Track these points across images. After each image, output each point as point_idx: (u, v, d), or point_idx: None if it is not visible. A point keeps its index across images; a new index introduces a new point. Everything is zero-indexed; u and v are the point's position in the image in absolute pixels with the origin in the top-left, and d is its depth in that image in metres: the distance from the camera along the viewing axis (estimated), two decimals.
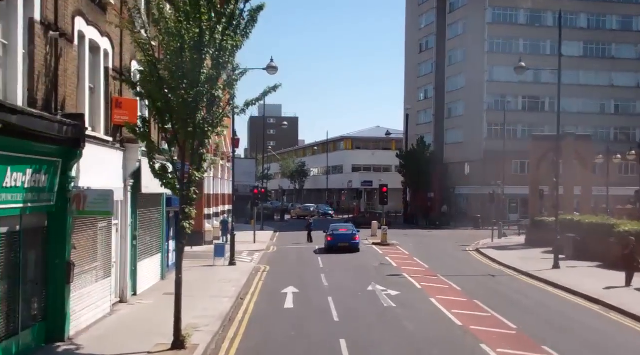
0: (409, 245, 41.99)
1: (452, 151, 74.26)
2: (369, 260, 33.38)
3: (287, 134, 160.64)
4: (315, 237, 46.15)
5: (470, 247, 42.00)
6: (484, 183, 67.57)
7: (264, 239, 45.92)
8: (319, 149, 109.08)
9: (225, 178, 51.30)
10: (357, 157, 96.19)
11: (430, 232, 56.08)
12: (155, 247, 23.66)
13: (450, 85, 75.65)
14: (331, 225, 39.45)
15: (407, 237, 49.24)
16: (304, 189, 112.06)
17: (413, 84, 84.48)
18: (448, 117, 75.98)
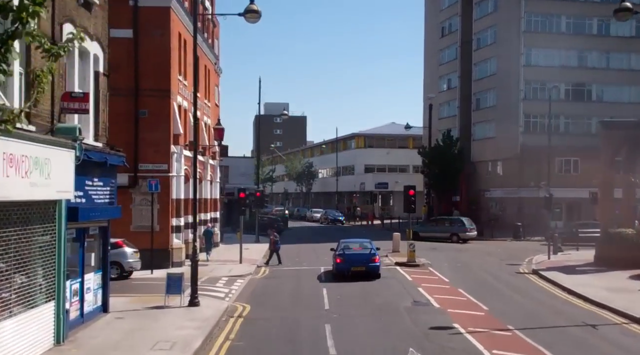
0: (443, 266, 32.11)
1: (481, 148, 64.17)
2: (397, 294, 23.46)
3: (295, 134, 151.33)
4: (320, 252, 36.39)
5: (524, 268, 32.17)
6: (520, 184, 57.59)
7: (255, 257, 36.14)
8: (327, 148, 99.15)
9: (213, 180, 41.54)
10: (370, 156, 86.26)
11: (462, 244, 46.06)
12: (42, 291, 13.87)
13: (479, 73, 65.58)
14: (341, 241, 29.54)
15: (436, 251, 39.30)
16: (312, 192, 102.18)
17: (434, 74, 74.51)
18: (476, 109, 65.92)
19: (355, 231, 60.41)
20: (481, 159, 64.35)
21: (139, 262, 27.06)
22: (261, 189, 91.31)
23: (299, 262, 34.13)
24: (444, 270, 30.23)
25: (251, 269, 30.65)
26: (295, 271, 30.53)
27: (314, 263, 33.77)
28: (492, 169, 63.23)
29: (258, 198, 45.65)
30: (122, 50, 29.68)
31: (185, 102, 33.13)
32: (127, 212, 29.19)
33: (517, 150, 58.74)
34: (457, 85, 69.56)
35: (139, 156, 29.63)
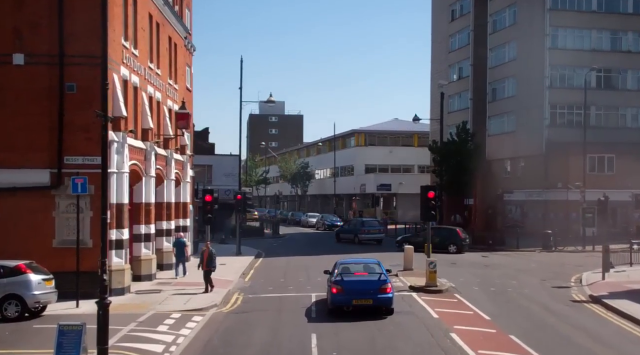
0: (473, 290, 24.44)
1: (498, 144, 56.45)
2: (422, 349, 15.65)
3: (291, 134, 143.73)
4: (313, 269, 28.67)
5: (577, 292, 24.86)
6: (546, 186, 49.87)
7: (230, 276, 28.39)
8: (324, 147, 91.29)
9: (182, 179, 33.82)
10: (371, 155, 78.48)
11: (486, 256, 38.27)
12: None
13: (495, 59, 57.89)
14: (339, 262, 21.50)
15: (458, 268, 31.56)
16: (307, 195, 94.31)
17: (443, 62, 66.81)
18: (492, 100, 58.20)
19: None
20: (498, 156, 56.60)
21: (53, 294, 19.31)
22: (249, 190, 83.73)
23: (284, 286, 26.33)
24: (477, 299, 22.48)
25: (218, 297, 22.84)
26: (277, 301, 22.72)
27: (303, 286, 26.00)
28: (512, 168, 55.52)
29: (240, 201, 38.03)
30: (40, 1, 22.10)
31: (135, 77, 25.38)
32: (47, 222, 21.52)
33: (541, 146, 51.06)
34: (469, 74, 61.84)
35: (65, 146, 21.95)
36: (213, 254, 24.04)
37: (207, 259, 23.91)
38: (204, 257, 23.99)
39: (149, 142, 26.47)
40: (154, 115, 28.48)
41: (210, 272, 23.90)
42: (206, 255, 23.96)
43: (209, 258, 23.89)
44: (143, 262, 26.08)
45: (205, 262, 23.90)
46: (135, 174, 25.46)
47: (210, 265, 23.87)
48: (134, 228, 26.01)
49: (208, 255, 23.91)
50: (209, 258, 23.89)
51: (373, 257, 33.76)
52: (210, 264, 23.86)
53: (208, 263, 23.84)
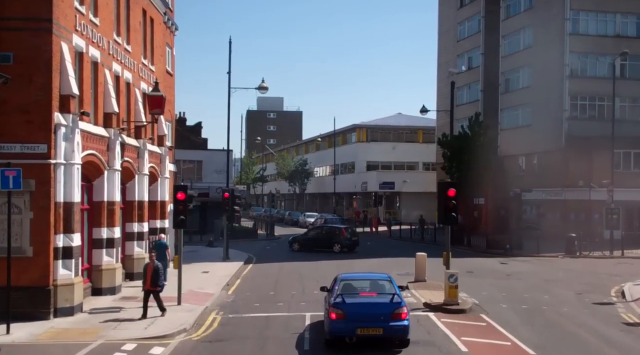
0: (501, 309, 20.19)
1: (512, 139, 52.16)
2: None
3: (290, 130, 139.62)
4: (309, 279, 24.37)
5: (624, 310, 20.89)
6: (565, 184, 45.57)
7: (211, 288, 24.07)
8: (324, 143, 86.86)
9: (160, 175, 29.59)
10: (373, 151, 74.08)
11: (504, 263, 33.93)
12: None
13: (509, 47, 53.58)
14: (341, 277, 16.89)
15: (476, 278, 27.26)
16: (306, 193, 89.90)
17: (450, 52, 62.52)
18: (505, 91, 53.88)
19: (359, 241, 48.30)
20: (511, 152, 52.28)
21: None
22: (243, 188, 79.37)
23: (274, 301, 22.00)
24: (510, 322, 18.18)
25: (190, 317, 18.50)
26: (262, 323, 18.38)
27: (296, 302, 21.68)
28: (527, 164, 51.20)
29: (227, 200, 33.72)
30: None
31: (95, 50, 21.04)
32: None
33: (560, 140, 46.80)
34: (480, 64, 57.58)
35: None
36: (159, 270, 18.66)
37: (151, 277, 18.42)
38: (148, 274, 18.45)
39: (113, 129, 22.13)
40: (122, 98, 24.15)
41: (157, 292, 18.55)
42: (150, 272, 18.46)
43: (154, 275, 18.44)
44: (104, 273, 21.75)
45: (149, 280, 18.43)
46: (93, 167, 21.13)
47: (155, 284, 18.49)
48: (93, 232, 21.72)
49: (153, 272, 18.45)
50: (154, 275, 18.44)
51: (380, 265, 29.84)
52: (155, 282, 18.49)
53: (153, 281, 18.43)
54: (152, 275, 18.41)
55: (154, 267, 18.54)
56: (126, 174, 24.89)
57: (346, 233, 39.80)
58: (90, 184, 21.65)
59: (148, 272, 18.50)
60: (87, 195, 21.55)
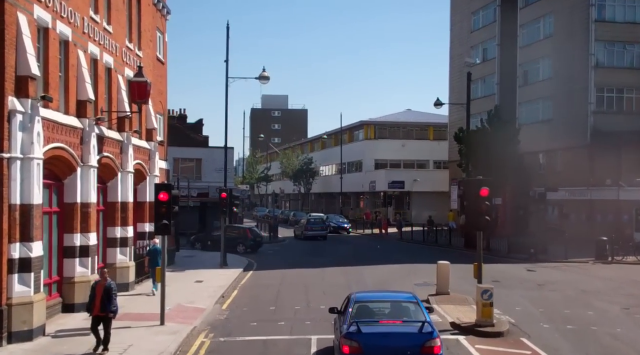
0: (544, 330, 17.08)
1: (531, 134, 48.71)
2: None
3: (295, 129, 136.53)
4: (315, 289, 21.20)
5: None
6: (592, 182, 42.30)
7: (202, 302, 20.96)
8: (330, 141, 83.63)
9: (148, 173, 26.55)
10: (381, 149, 70.82)
11: (532, 270, 30.64)
12: None
13: (527, 36, 50.35)
14: (355, 298, 13.31)
15: (505, 289, 24.00)
16: (311, 193, 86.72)
17: (464, 44, 59.24)
18: (523, 84, 50.63)
19: (366, 245, 45.22)
20: (530, 149, 48.88)
21: None
22: (246, 188, 76.32)
23: (274, 318, 18.87)
24: (560, 351, 15.02)
25: (173, 342, 15.38)
26: (259, 349, 15.27)
27: (300, 320, 18.53)
28: (547, 161, 47.96)
29: (224, 200, 30.64)
30: None
31: (65, 27, 17.96)
32: None
33: (585, 136, 43.53)
34: (495, 56, 54.30)
35: None
36: (112, 290, 14.50)
37: (100, 299, 14.36)
38: (97, 296, 14.40)
39: (87, 119, 19.05)
40: (101, 84, 21.09)
41: (108, 319, 14.47)
42: (100, 293, 14.39)
43: (105, 296, 14.37)
44: (77, 286, 18.66)
45: (98, 304, 14.37)
46: (62, 163, 18.05)
47: (107, 308, 14.38)
48: (64, 238, 18.65)
49: (104, 292, 14.38)
50: (105, 296, 14.37)
51: (393, 273, 26.59)
52: (107, 306, 14.37)
53: (103, 305, 14.35)
54: (102, 297, 14.35)
55: (105, 287, 14.45)
56: (106, 172, 21.84)
57: (250, 234, 39.89)
58: (59, 183, 18.56)
59: (97, 293, 14.40)
60: (57, 196, 18.48)
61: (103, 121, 20.38)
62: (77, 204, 18.79)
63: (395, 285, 25.07)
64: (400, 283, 25.53)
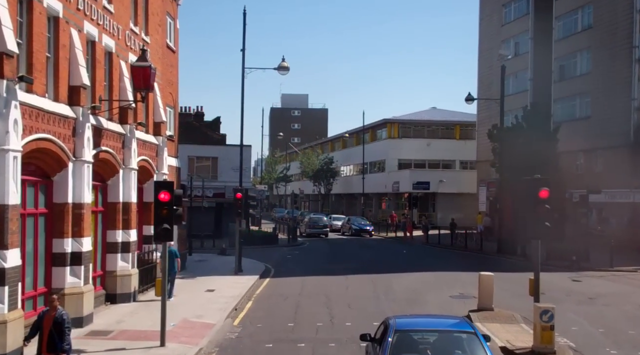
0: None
1: (567, 133, 45.53)
2: None
3: (315, 129, 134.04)
4: (338, 303, 18.60)
5: None
6: (636, 185, 39.31)
7: (213, 313, 18.48)
8: (351, 140, 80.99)
9: (155, 170, 24.23)
10: (405, 148, 68.05)
11: (578, 280, 27.80)
12: None
13: (564, 29, 47.48)
14: (395, 325, 10.37)
15: (551, 302, 21.00)
16: (332, 194, 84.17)
17: (494, 38, 56.33)
18: (559, 79, 47.68)
19: (390, 249, 42.47)
20: (566, 148, 45.76)
21: None
22: (264, 188, 73.79)
23: (292, 338, 16.33)
24: None
25: None
26: None
27: (323, 342, 15.97)
28: (586, 162, 44.96)
29: (240, 201, 28.20)
30: None
31: (55, 1, 15.60)
32: None
33: (628, 134, 40.49)
34: (528, 50, 51.23)
35: None
36: (64, 323, 11.09)
37: (49, 335, 11.02)
38: (44, 331, 11.07)
39: (81, 107, 16.68)
40: (99, 70, 18.71)
41: None
42: (48, 327, 11.04)
43: (55, 331, 11.03)
44: (68, 298, 16.28)
45: (45, 341, 11.03)
46: (50, 157, 15.70)
47: (57, 348, 11.03)
48: (53, 244, 16.29)
49: (53, 326, 11.03)
50: (55, 331, 11.03)
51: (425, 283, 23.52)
52: (58, 345, 11.01)
53: (52, 343, 11.01)
54: (50, 332, 10.99)
55: (55, 319, 11.05)
56: (106, 168, 19.48)
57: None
58: (47, 181, 16.21)
59: (45, 328, 11.05)
60: (44, 195, 16.12)
61: (99, 110, 17.98)
62: (68, 205, 16.42)
63: (428, 297, 22.47)
64: (434, 295, 22.92)
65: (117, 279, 20.02)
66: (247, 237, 41.93)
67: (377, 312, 19.62)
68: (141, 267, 21.53)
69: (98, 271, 19.51)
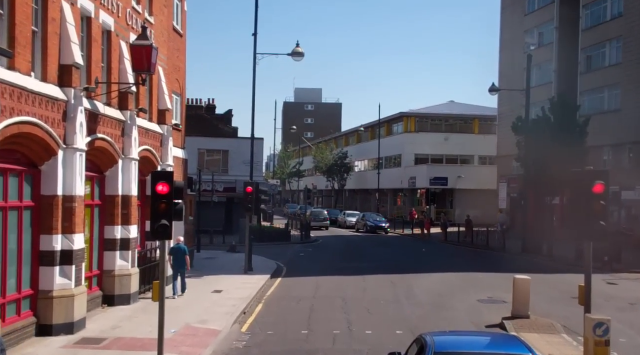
0: None
1: (594, 127, 43.49)
2: None
3: (328, 123, 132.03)
4: (357, 309, 16.77)
5: None
6: None
7: (219, 317, 16.75)
8: (366, 134, 79.04)
9: (160, 160, 22.59)
10: (422, 143, 65.98)
11: (613, 282, 25.80)
12: None
13: (591, 17, 45.24)
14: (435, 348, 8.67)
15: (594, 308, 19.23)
16: (345, 189, 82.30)
17: (516, 28, 54.14)
18: (586, 71, 45.51)
19: (408, 247, 40.56)
20: (593, 142, 43.65)
21: None
22: (276, 183, 72.06)
23: (306, 346, 14.56)
24: None
25: None
26: None
27: (342, 353, 14.17)
28: (614, 157, 42.75)
29: (250, 196, 26.45)
30: None
31: None
32: None
33: None
34: (553, 41, 49.11)
35: None
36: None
37: None
38: None
39: (73, 88, 14.95)
40: (95, 49, 16.96)
41: None
42: None
43: None
44: (57, 302, 14.59)
45: None
46: (37, 144, 13.99)
47: None
48: (41, 241, 14.59)
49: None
50: None
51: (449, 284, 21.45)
52: None
53: None
54: None
55: None
56: (103, 158, 17.78)
57: None
58: (34, 170, 14.51)
59: None
60: (30, 186, 14.43)
61: (95, 92, 16.22)
62: (57, 197, 14.71)
63: (454, 301, 20.60)
64: (460, 298, 21.04)
65: (115, 279, 18.31)
66: (258, 233, 40.27)
67: (400, 318, 17.82)
68: (142, 266, 19.83)
69: (94, 271, 17.84)
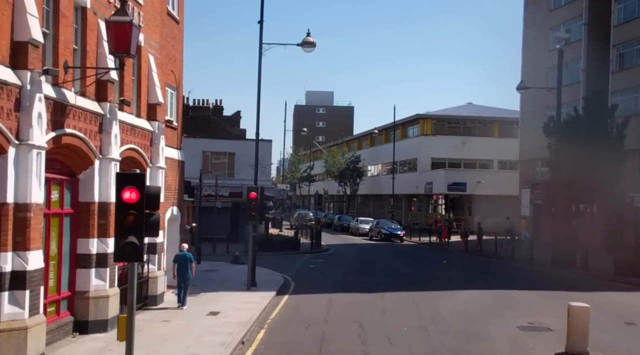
0: None
1: (630, 128, 40.33)
2: None
3: (340, 127, 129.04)
4: (376, 334, 14.04)
5: None
6: None
7: (213, 348, 13.81)
8: (379, 138, 75.93)
9: (149, 163, 19.70)
10: (439, 146, 62.87)
11: None
12: None
13: (624, 12, 42.10)
14: None
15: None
16: (358, 194, 79.24)
17: (541, 25, 51.00)
18: (618, 69, 42.32)
19: (427, 258, 37.46)
20: (628, 145, 40.47)
21: None
22: (286, 187, 69.19)
23: None
24: None
25: None
26: None
27: None
28: None
29: (253, 202, 23.57)
30: None
31: None
32: None
33: None
34: (582, 38, 45.94)
35: None
36: None
37: None
38: None
39: (30, 71, 12.10)
40: (66, 27, 14.10)
41: None
42: None
43: None
44: (5, 337, 11.67)
45: None
46: None
47: None
48: None
49: None
50: None
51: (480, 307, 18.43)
52: None
53: None
54: None
55: None
56: (75, 158, 14.90)
57: None
58: None
59: None
60: None
61: (56, 76, 13.33)
62: (7, 206, 11.83)
63: (489, 327, 17.50)
64: (496, 324, 17.93)
65: (90, 301, 15.40)
66: (265, 242, 37.40)
67: (428, 352, 14.82)
68: (123, 286, 16.91)
69: (63, 292, 14.96)
